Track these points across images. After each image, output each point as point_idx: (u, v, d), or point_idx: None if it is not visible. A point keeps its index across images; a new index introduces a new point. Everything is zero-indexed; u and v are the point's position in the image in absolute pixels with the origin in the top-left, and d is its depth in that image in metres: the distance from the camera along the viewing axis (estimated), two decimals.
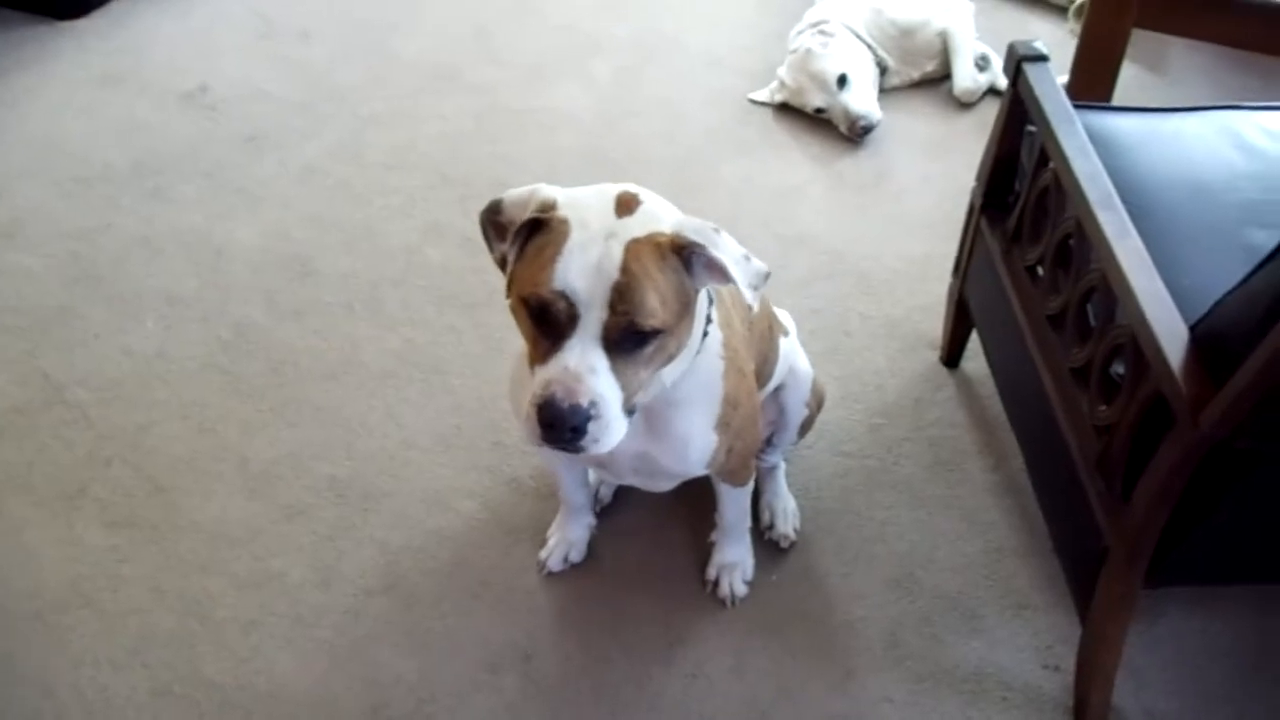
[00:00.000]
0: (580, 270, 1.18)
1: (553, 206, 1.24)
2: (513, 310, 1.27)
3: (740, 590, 1.81)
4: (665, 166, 2.68)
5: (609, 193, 1.25)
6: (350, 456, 2.03)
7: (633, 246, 1.20)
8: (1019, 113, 1.82)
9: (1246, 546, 1.51)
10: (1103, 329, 1.55)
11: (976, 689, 1.71)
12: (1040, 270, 1.77)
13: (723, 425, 1.46)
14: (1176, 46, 3.01)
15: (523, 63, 3.02)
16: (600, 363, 1.21)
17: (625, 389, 1.23)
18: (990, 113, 2.79)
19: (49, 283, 2.35)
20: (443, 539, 1.90)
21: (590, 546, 1.87)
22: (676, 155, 2.72)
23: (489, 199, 1.29)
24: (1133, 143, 1.79)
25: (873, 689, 1.71)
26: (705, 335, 1.37)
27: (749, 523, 1.81)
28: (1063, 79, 2.24)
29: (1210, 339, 1.35)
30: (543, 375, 1.22)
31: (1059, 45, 2.66)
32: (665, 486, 1.70)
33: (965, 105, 2.86)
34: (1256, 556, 1.56)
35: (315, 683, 1.72)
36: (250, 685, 1.71)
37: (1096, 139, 1.67)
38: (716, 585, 1.82)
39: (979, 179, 1.95)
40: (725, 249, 1.23)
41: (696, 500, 1.86)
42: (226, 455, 2.03)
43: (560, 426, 1.20)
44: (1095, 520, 1.54)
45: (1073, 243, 1.65)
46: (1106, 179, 1.59)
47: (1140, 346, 1.41)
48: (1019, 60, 1.77)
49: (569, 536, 1.85)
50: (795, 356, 1.83)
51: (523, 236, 1.24)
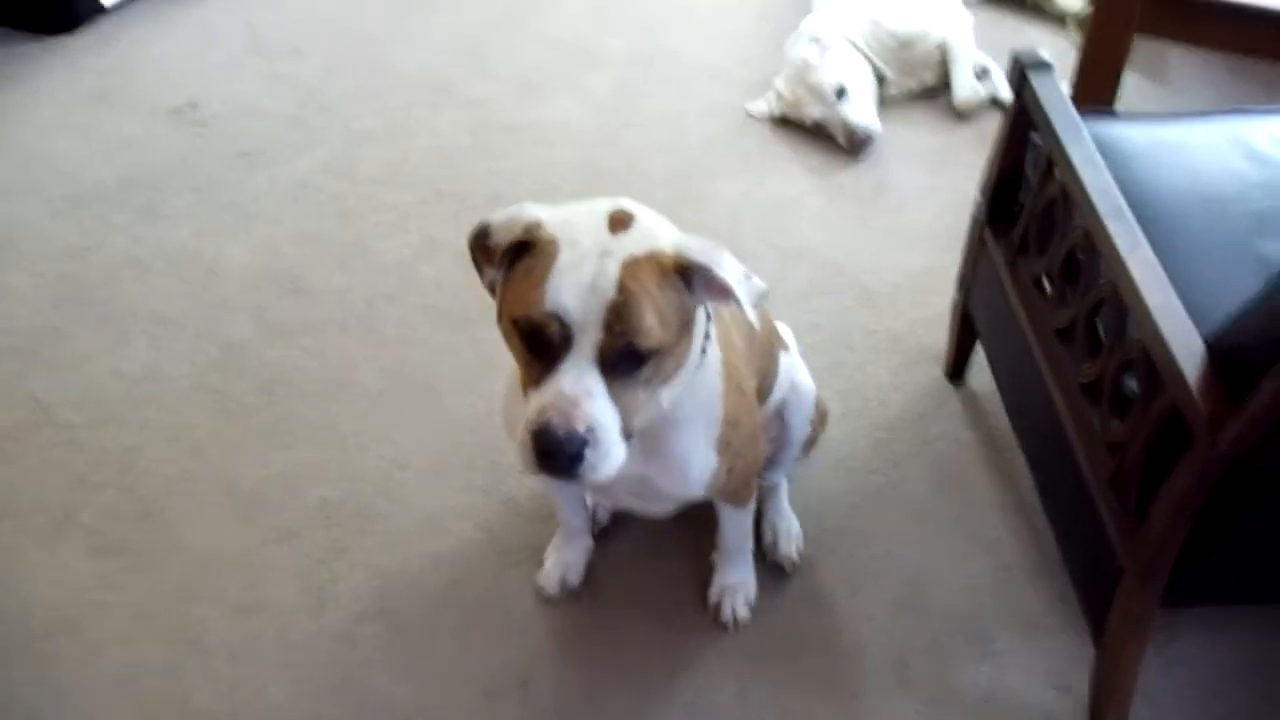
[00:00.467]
0: (573, 289, 1.14)
1: (538, 226, 1.20)
2: (505, 335, 1.23)
3: (743, 614, 1.77)
4: (663, 179, 2.65)
5: (600, 209, 1.21)
6: (343, 477, 1.98)
7: (630, 264, 1.15)
8: (1023, 122, 1.78)
9: (1268, 565, 1.47)
10: (1114, 344, 1.51)
11: (988, 713, 1.67)
12: (1047, 283, 1.73)
13: (723, 445, 1.42)
14: (1176, 53, 2.99)
15: (517, 76, 2.99)
16: (596, 386, 1.16)
17: (623, 413, 1.19)
18: (990, 124, 2.79)
19: (38, 303, 2.31)
20: (437, 562, 1.86)
21: (588, 570, 1.82)
22: (674, 168, 2.68)
23: (484, 214, 1.25)
24: (1139, 151, 1.75)
25: (882, 714, 1.67)
26: (704, 353, 1.33)
27: (751, 544, 1.77)
28: (1064, 87, 2.21)
29: (1227, 354, 1.31)
30: (537, 401, 1.18)
31: (1059, 55, 2.61)
32: (664, 510, 1.65)
33: (965, 116, 2.83)
34: (1278, 575, 1.52)
35: (308, 711, 1.67)
36: (241, 714, 1.66)
37: (1102, 148, 1.63)
38: (718, 609, 1.77)
39: (983, 190, 1.91)
40: (728, 268, 1.19)
41: (697, 521, 1.81)
42: (217, 477, 1.98)
43: (557, 454, 1.16)
44: (1108, 539, 1.50)
45: (1081, 255, 1.61)
46: (1116, 190, 1.55)
47: (1154, 362, 1.37)
48: (1023, 69, 1.74)
49: (566, 559, 1.81)
50: (797, 372, 1.79)
51: (509, 259, 1.20)
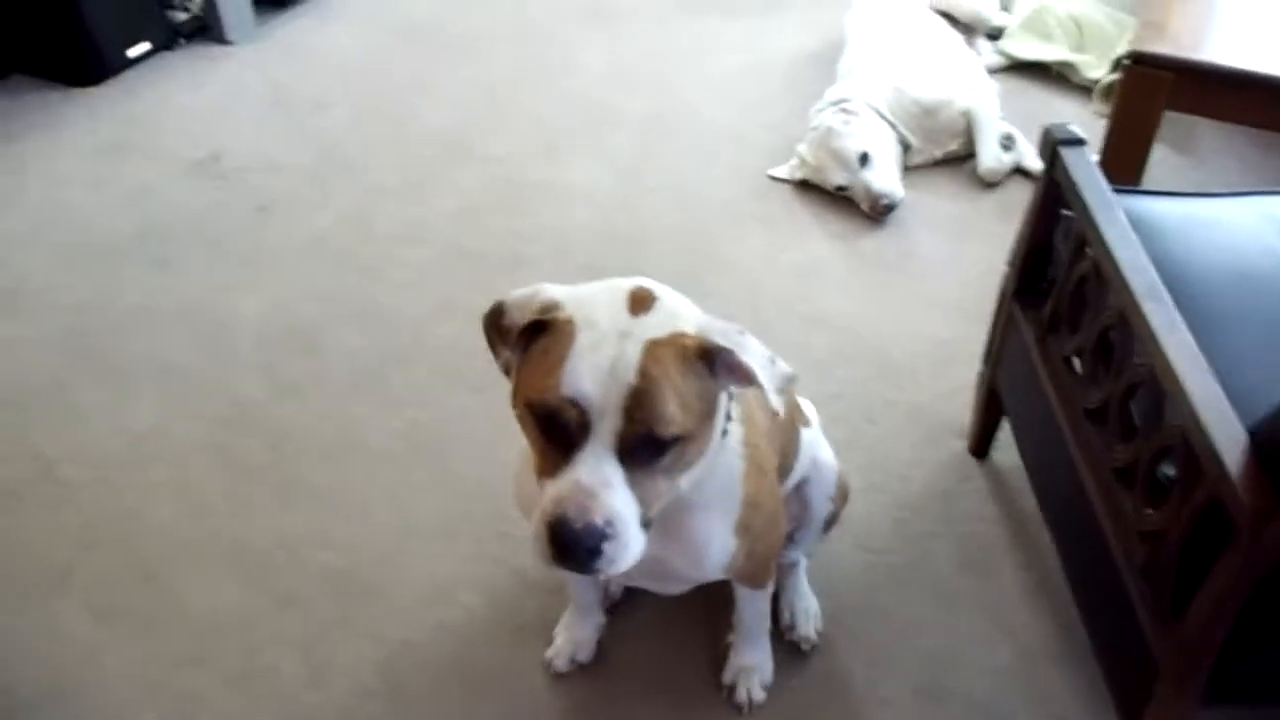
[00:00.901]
0: (591, 374, 1.09)
1: (556, 307, 1.16)
2: (519, 419, 1.18)
3: (759, 696, 1.70)
4: (682, 243, 2.61)
5: (620, 289, 1.17)
6: (349, 543, 1.93)
7: (652, 349, 1.11)
8: (1054, 197, 1.75)
9: None
10: (1149, 429, 1.46)
11: None
12: (1078, 361, 1.69)
13: (743, 529, 1.37)
14: (1204, 127, 2.95)
15: (538, 135, 2.98)
16: (615, 476, 1.11)
17: (642, 503, 1.14)
18: (1015, 193, 2.76)
19: (45, 355, 2.28)
20: (444, 634, 1.80)
21: (599, 646, 1.76)
22: (694, 231, 2.65)
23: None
24: (1171, 228, 1.71)
25: None
26: (725, 433, 1.28)
27: (768, 624, 1.70)
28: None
29: (1272, 445, 1.25)
30: (553, 491, 1.13)
31: (1083, 125, 2.57)
32: (679, 590, 1.59)
33: (989, 185, 2.80)
34: None
35: None
36: None
37: (1134, 224, 1.59)
38: (733, 691, 1.71)
39: (1011, 264, 1.87)
40: (752, 352, 1.15)
41: (713, 598, 1.76)
42: (220, 540, 1.93)
43: (574, 548, 1.11)
44: (1142, 630, 1.44)
45: (1114, 335, 1.57)
46: (1151, 268, 1.51)
47: (1194, 451, 1.32)
48: (1055, 144, 1.71)
49: (577, 636, 1.75)
50: (819, 448, 1.74)
51: (525, 340, 1.16)
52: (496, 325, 1.19)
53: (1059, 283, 1.74)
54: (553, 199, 2.75)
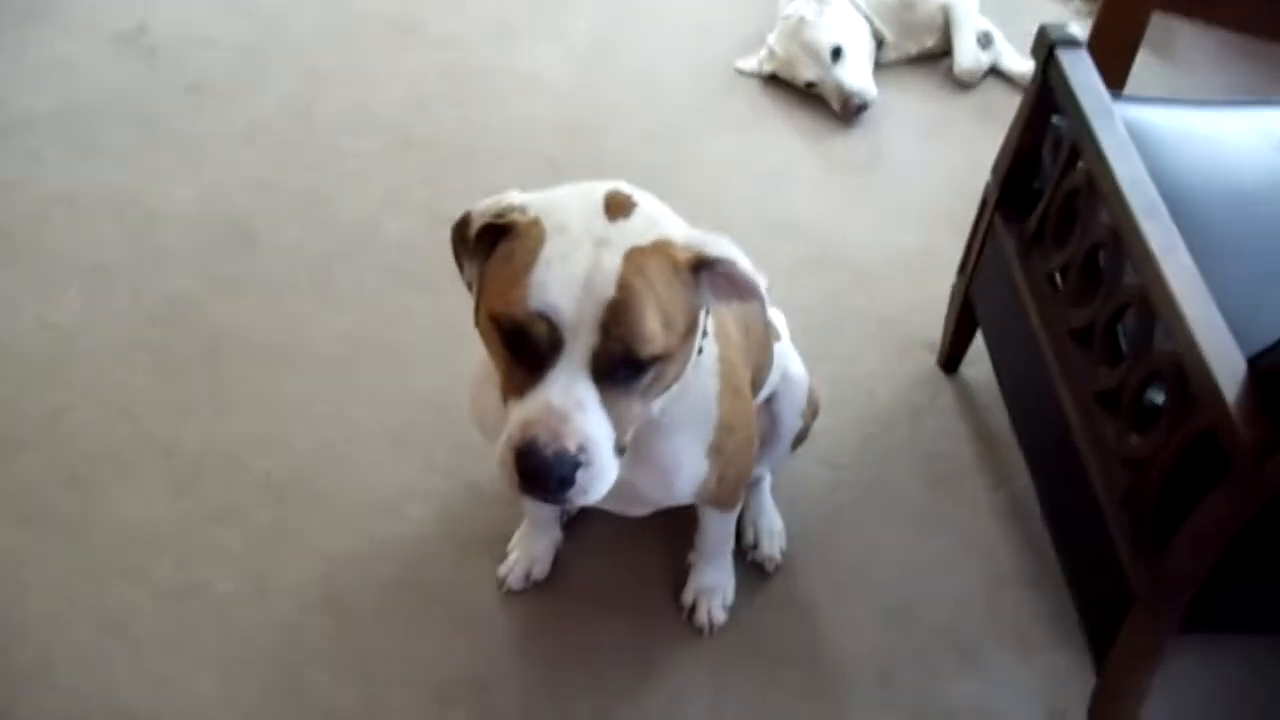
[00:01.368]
0: (563, 285, 0.99)
1: (518, 208, 1.05)
2: (482, 333, 1.08)
3: (719, 617, 1.65)
4: (645, 138, 2.48)
5: (595, 191, 1.06)
6: (289, 451, 1.83)
7: (634, 256, 1.01)
8: (1046, 102, 1.64)
9: None
10: (1139, 353, 1.39)
11: None
12: (1062, 279, 1.61)
13: (715, 452, 1.29)
14: (1185, 32, 2.85)
15: (492, 18, 2.79)
16: (589, 398, 1.02)
17: (617, 426, 1.05)
18: (992, 94, 2.65)
19: None
20: (391, 549, 1.72)
21: (555, 563, 1.70)
22: (657, 126, 2.52)
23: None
24: (1168, 141, 1.62)
25: None
26: (700, 351, 1.19)
27: (731, 544, 1.64)
28: None
29: (1272, 376, 1.19)
30: (520, 414, 1.03)
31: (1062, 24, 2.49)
32: (642, 512, 1.52)
33: (965, 85, 2.68)
34: None
35: (244, 711, 1.53)
36: (170, 712, 1.52)
37: (1132, 136, 1.50)
38: (693, 611, 1.65)
39: (995, 172, 1.78)
40: (747, 264, 1.05)
41: (674, 516, 1.67)
42: (151, 445, 1.82)
43: (545, 477, 1.02)
44: (1118, 560, 1.39)
45: (1105, 253, 1.49)
46: (1150, 184, 1.42)
47: (1188, 378, 1.25)
48: (1051, 45, 1.60)
49: (532, 551, 1.68)
50: (789, 361, 1.65)
51: (486, 246, 1.05)
52: (462, 235, 1.08)
53: (1047, 194, 1.65)
54: (508, 87, 2.58)
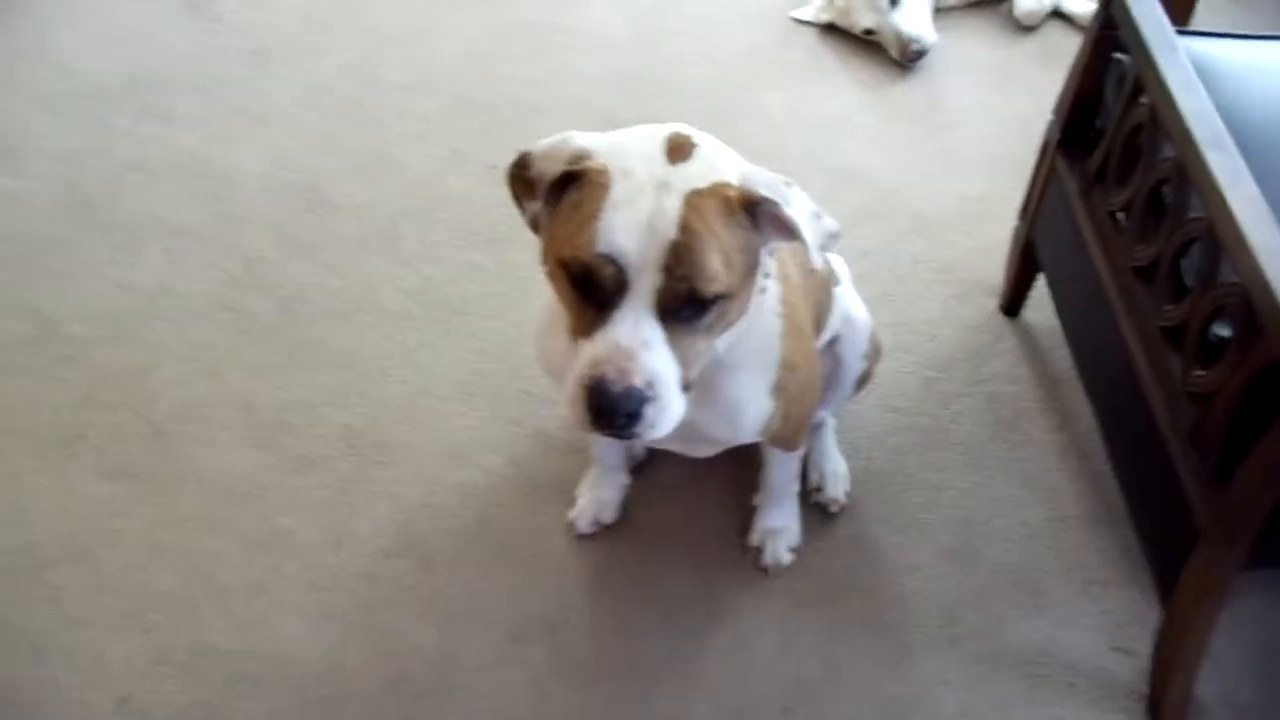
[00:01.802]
0: (628, 228, 1.02)
1: (587, 156, 1.07)
2: (550, 277, 1.11)
3: (785, 559, 1.68)
4: (702, 91, 2.49)
5: (656, 135, 1.09)
6: (365, 404, 1.88)
7: (693, 199, 1.03)
8: (1109, 39, 1.63)
9: None
10: (1205, 286, 1.38)
11: (1041, 672, 1.58)
12: (1125, 217, 1.60)
13: (779, 390, 1.31)
14: None
15: None
16: (655, 336, 1.05)
17: (683, 364, 1.08)
18: (1054, 37, 2.62)
19: (36, 209, 2.19)
20: (464, 497, 1.77)
21: (623, 507, 1.73)
22: (715, 79, 2.52)
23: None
24: (1234, 74, 1.60)
25: (928, 670, 1.58)
26: (763, 291, 1.21)
27: (797, 486, 1.67)
28: None
29: None
30: (589, 353, 1.07)
31: None
32: (709, 453, 1.55)
33: (1027, 28, 2.65)
34: None
35: (327, 652, 1.59)
36: (257, 654, 1.59)
37: (1195, 70, 1.49)
38: (759, 552, 1.68)
39: (1057, 112, 1.77)
40: (797, 206, 1.07)
41: (740, 459, 1.71)
42: (232, 401, 1.89)
43: (613, 412, 1.05)
44: (1184, 496, 1.40)
45: (1169, 188, 1.48)
46: (1215, 116, 1.41)
47: (1255, 309, 1.25)
48: None
49: (600, 496, 1.71)
50: (850, 304, 1.67)
51: (555, 193, 1.08)
52: (521, 177, 1.11)
53: (1109, 132, 1.64)
54: (566, 44, 2.60)
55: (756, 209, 1.08)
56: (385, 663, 1.59)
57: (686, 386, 1.11)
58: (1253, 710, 1.54)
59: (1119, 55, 1.65)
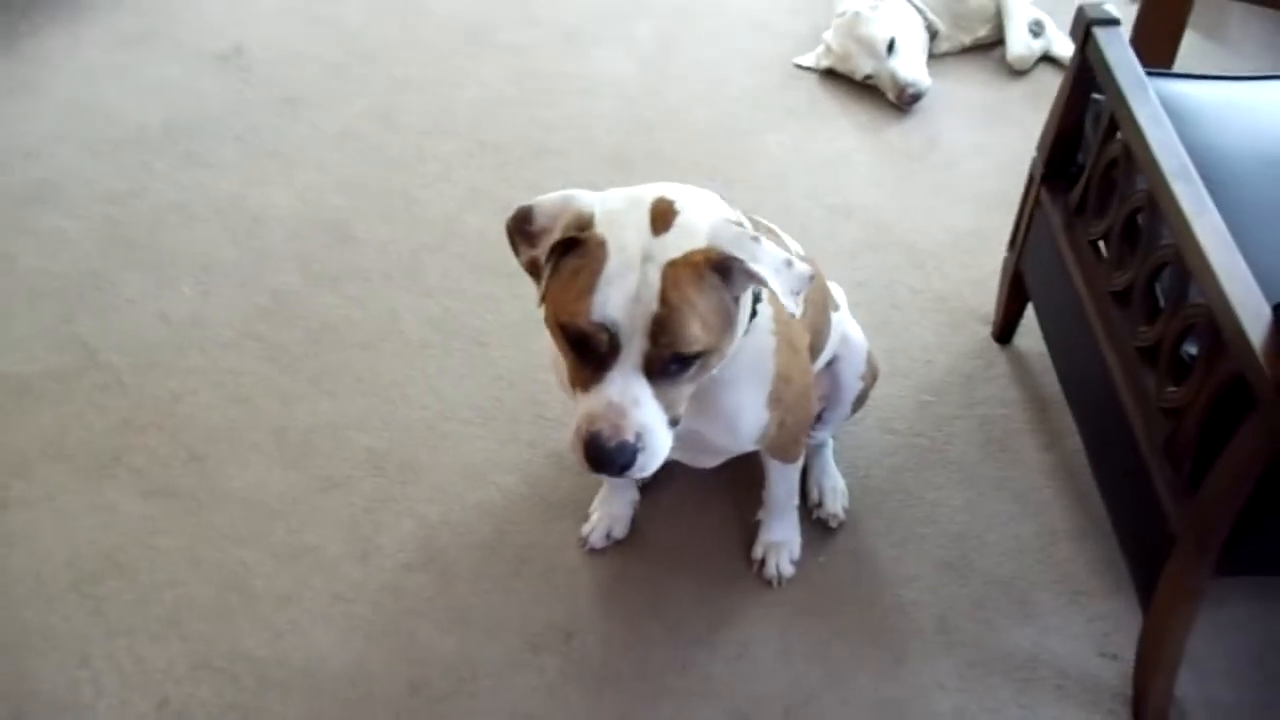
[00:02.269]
0: (619, 301, 1.14)
1: (590, 223, 1.18)
2: (551, 332, 1.23)
3: (787, 570, 1.77)
4: (707, 133, 2.61)
5: (644, 202, 1.19)
6: (388, 427, 1.99)
7: (670, 272, 1.15)
8: (1086, 79, 1.74)
9: None
10: (1175, 307, 1.48)
11: (1030, 676, 1.66)
12: (1105, 245, 1.70)
13: (775, 401, 1.41)
14: (1235, 13, 2.91)
15: (560, 24, 2.95)
16: (643, 392, 1.18)
17: (668, 409, 1.21)
18: (1044, 80, 2.74)
19: (83, 246, 2.32)
20: (483, 514, 1.86)
21: (633, 523, 1.83)
22: (720, 122, 2.65)
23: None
24: (1206, 112, 1.71)
25: (924, 674, 1.67)
26: (754, 314, 1.32)
27: (797, 501, 1.76)
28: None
29: None
30: (586, 407, 1.19)
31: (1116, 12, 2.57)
32: (712, 463, 1.65)
33: (1018, 73, 2.77)
34: None
35: (353, 659, 1.69)
36: (288, 660, 1.68)
37: (1168, 107, 1.60)
38: (763, 565, 1.77)
39: (1040, 148, 1.88)
40: (764, 259, 1.18)
41: (743, 477, 1.81)
42: (263, 424, 2.00)
43: (609, 463, 1.19)
44: (1160, 506, 1.48)
45: (1142, 217, 1.58)
46: (1180, 148, 1.52)
47: (1218, 326, 1.35)
48: (1089, 24, 1.70)
49: (612, 512, 1.81)
50: (848, 327, 1.77)
51: (557, 253, 1.19)
52: (521, 229, 1.22)
53: (1088, 166, 1.75)
54: (575, 89, 2.74)
55: (727, 267, 1.18)
56: (409, 668, 1.68)
57: (674, 422, 1.23)
58: (1232, 711, 1.61)
59: (1097, 95, 1.76)
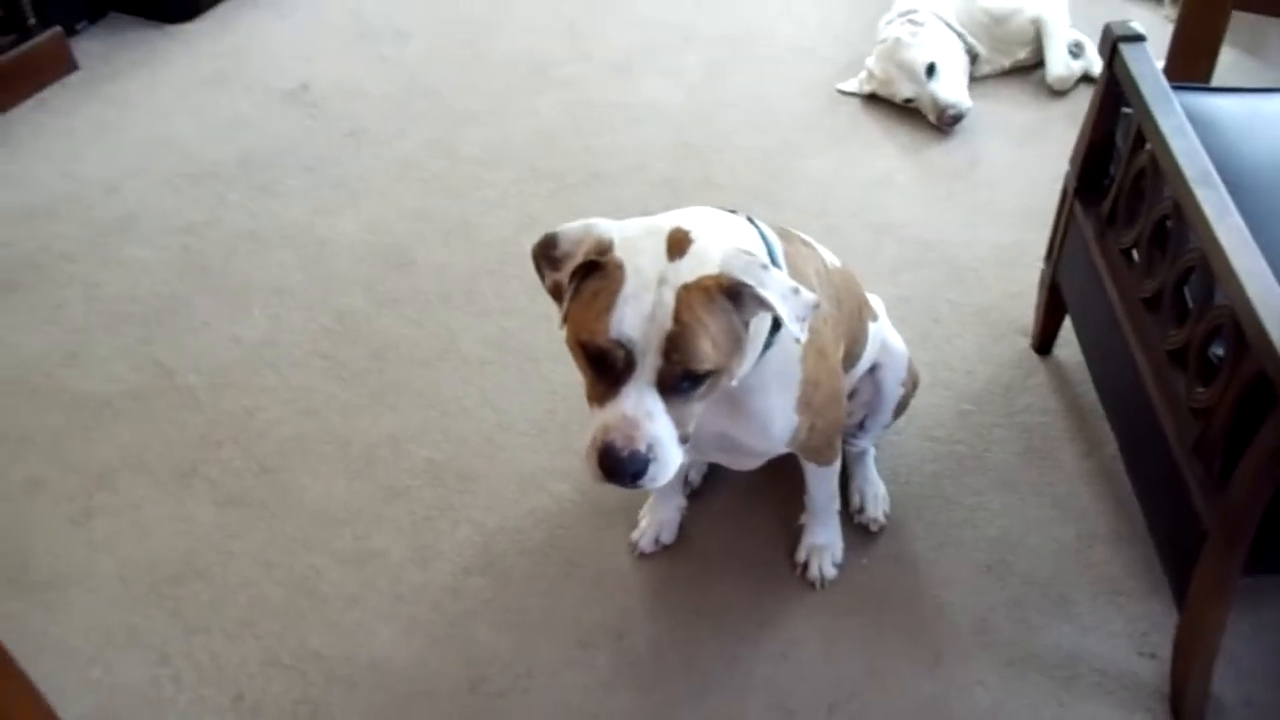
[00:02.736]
0: (635, 319, 1.21)
1: (609, 248, 1.26)
2: (570, 349, 1.31)
3: (829, 573, 1.83)
4: (755, 157, 2.70)
5: (662, 230, 1.27)
6: (447, 440, 2.09)
7: (683, 295, 1.22)
8: (1114, 94, 1.80)
9: None
10: (1201, 310, 1.53)
11: (1070, 674, 1.70)
12: (1135, 253, 1.75)
13: (804, 405, 1.48)
14: (1275, 29, 2.93)
15: (612, 57, 3.07)
16: (656, 407, 1.25)
17: (680, 426, 1.28)
18: (1084, 100, 2.74)
19: (162, 274, 2.46)
20: (537, 520, 1.95)
21: (681, 528, 1.90)
22: (765, 146, 2.73)
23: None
24: (1233, 123, 1.76)
25: (963, 673, 1.71)
26: (779, 327, 1.37)
27: (838, 505, 1.82)
28: (1160, 63, 2.20)
29: None
30: (601, 419, 1.26)
31: (1154, 30, 2.61)
32: (751, 465, 1.72)
33: (1058, 93, 2.82)
34: None
35: (416, 657, 1.77)
36: (354, 658, 1.78)
37: (1195, 120, 1.64)
38: (806, 567, 1.83)
39: (1073, 162, 1.93)
40: (772, 285, 1.25)
41: (786, 483, 1.88)
42: (329, 438, 2.10)
43: (621, 472, 1.25)
44: (1192, 504, 1.52)
45: (1170, 224, 1.63)
46: (1205, 157, 1.57)
47: (1242, 326, 1.39)
48: (1115, 40, 1.76)
49: (660, 518, 1.89)
50: (888, 335, 1.83)
51: (578, 276, 1.27)
52: (546, 254, 1.30)
53: (1118, 177, 1.80)
54: (627, 118, 2.84)
55: (737, 292, 1.26)
56: (467, 667, 1.76)
57: (685, 439, 1.30)
58: (1270, 709, 1.64)
59: (1127, 109, 1.82)
